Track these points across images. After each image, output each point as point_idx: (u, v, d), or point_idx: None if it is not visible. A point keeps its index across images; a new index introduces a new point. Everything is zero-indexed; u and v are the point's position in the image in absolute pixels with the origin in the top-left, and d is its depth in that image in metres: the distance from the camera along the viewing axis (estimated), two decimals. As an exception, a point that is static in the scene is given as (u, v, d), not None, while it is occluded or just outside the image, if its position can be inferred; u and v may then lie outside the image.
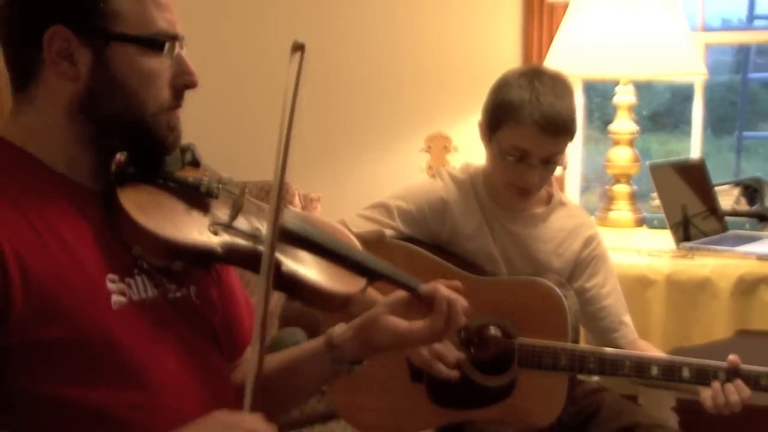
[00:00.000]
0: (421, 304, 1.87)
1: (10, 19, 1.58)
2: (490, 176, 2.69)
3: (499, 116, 2.59)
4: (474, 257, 2.69)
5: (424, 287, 1.87)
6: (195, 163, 1.73)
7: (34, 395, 1.47)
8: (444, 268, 2.59)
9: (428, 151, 3.62)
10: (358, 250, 1.87)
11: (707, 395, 2.39)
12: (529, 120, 2.52)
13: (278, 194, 1.56)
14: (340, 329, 1.86)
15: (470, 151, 2.81)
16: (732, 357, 2.41)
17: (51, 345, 1.46)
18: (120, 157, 1.64)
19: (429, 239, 2.70)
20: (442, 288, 1.86)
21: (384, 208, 2.70)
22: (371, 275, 1.83)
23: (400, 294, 1.88)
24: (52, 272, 1.48)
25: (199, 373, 1.67)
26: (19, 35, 1.57)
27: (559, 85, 2.60)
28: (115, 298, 1.55)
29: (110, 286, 1.56)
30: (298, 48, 1.58)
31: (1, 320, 1.42)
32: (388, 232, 2.67)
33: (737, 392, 2.36)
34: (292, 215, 1.74)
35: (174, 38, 1.62)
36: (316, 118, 3.95)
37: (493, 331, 2.05)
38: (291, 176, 1.90)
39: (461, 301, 1.86)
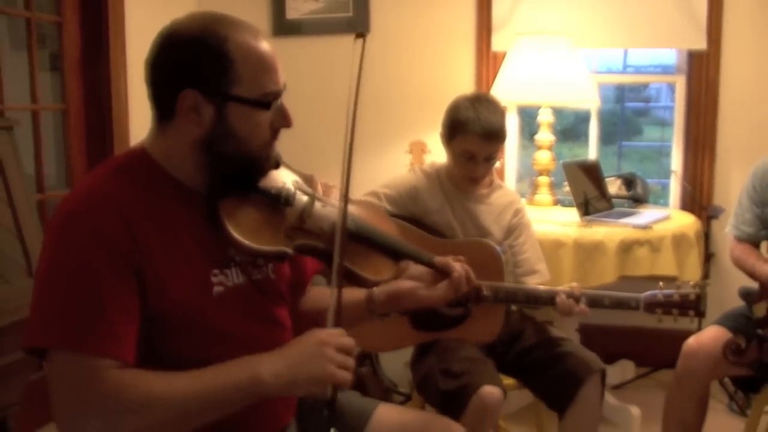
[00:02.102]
0: (438, 274, 1.80)
1: (158, 71, 1.48)
2: (451, 170, 2.65)
3: (453, 130, 2.57)
4: (439, 226, 2.63)
5: (440, 261, 1.80)
6: (276, 165, 1.59)
7: (166, 353, 1.43)
8: (419, 234, 2.55)
9: (410, 153, 3.60)
10: (394, 240, 1.76)
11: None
12: (473, 132, 2.51)
13: (346, 185, 1.53)
14: (379, 292, 1.80)
15: (440, 153, 2.72)
16: (573, 284, 2.42)
17: (171, 321, 1.42)
18: (219, 177, 1.53)
19: (407, 215, 2.64)
20: (454, 262, 1.80)
21: (375, 194, 2.67)
22: (401, 257, 1.75)
23: (422, 269, 1.80)
24: (172, 271, 1.43)
25: (273, 332, 1.59)
26: (162, 86, 1.47)
27: (492, 105, 2.58)
28: (216, 289, 1.49)
29: (213, 279, 1.49)
30: (360, 36, 1.56)
31: (142, 303, 1.39)
32: None
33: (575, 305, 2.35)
34: (350, 216, 1.61)
35: (278, 95, 1.51)
36: (333, 130, 3.81)
37: (485, 291, 1.99)
38: (313, 170, 1.79)
39: (469, 270, 1.80)
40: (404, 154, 3.61)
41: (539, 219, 3.27)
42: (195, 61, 1.44)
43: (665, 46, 4.03)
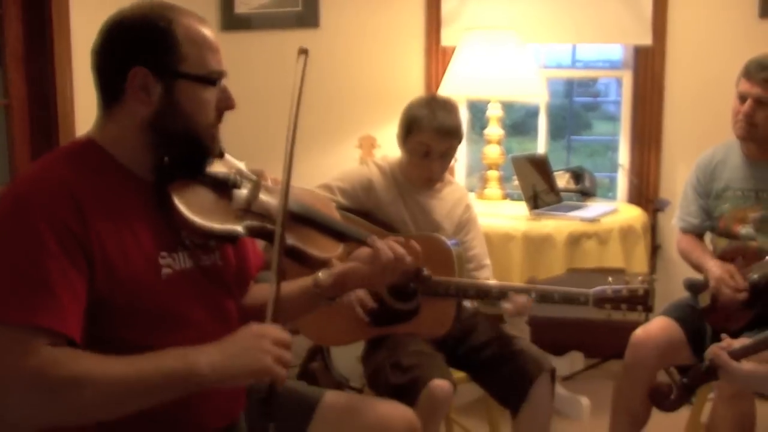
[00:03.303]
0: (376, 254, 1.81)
1: (106, 55, 1.52)
2: (406, 169, 2.65)
3: (409, 127, 2.58)
4: (391, 220, 2.63)
5: (378, 243, 1.81)
6: (221, 155, 1.63)
7: (111, 337, 1.42)
8: (370, 228, 2.52)
9: (360, 147, 3.61)
10: (338, 222, 1.81)
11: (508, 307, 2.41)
12: (428, 127, 2.52)
13: (287, 184, 1.54)
14: (323, 275, 1.79)
15: (389, 147, 2.74)
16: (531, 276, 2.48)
17: (118, 304, 1.43)
18: (166, 159, 1.56)
19: (359, 208, 2.63)
20: (390, 242, 1.81)
21: (328, 187, 2.65)
22: (346, 239, 1.78)
23: (366, 251, 1.81)
24: (121, 253, 1.44)
25: (217, 318, 1.60)
26: (110, 69, 1.51)
27: (448, 104, 2.61)
28: (165, 271, 1.51)
29: (161, 261, 1.51)
30: (303, 52, 1.59)
31: (90, 286, 1.39)
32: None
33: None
34: (293, 197, 1.63)
35: (221, 74, 1.57)
36: (282, 125, 3.79)
37: (425, 271, 1.98)
38: (263, 165, 1.80)
39: (404, 251, 1.81)
40: (354, 149, 3.60)
41: (489, 213, 3.29)
42: (143, 40, 1.49)
43: (611, 41, 4.09)
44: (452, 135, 2.56)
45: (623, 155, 4.06)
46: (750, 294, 2.55)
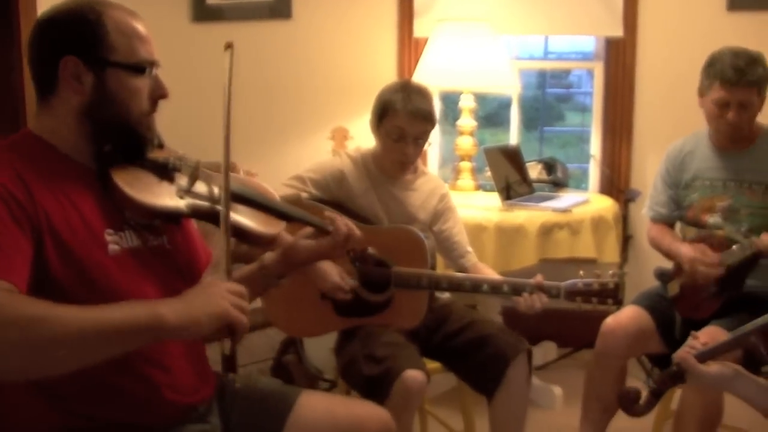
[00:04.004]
0: (322, 232, 1.85)
1: (39, 47, 1.58)
2: (379, 156, 2.66)
3: (383, 111, 2.60)
4: (363, 211, 2.63)
5: (330, 214, 1.88)
6: (161, 146, 1.67)
7: None
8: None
9: (333, 139, 3.60)
10: (279, 202, 1.85)
11: (520, 301, 2.42)
12: (403, 111, 2.54)
13: (226, 163, 1.56)
14: (269, 255, 1.83)
15: (361, 139, 2.74)
16: (538, 277, 2.43)
17: (69, 282, 1.46)
18: (107, 147, 1.60)
19: (331, 199, 2.64)
20: (337, 218, 1.86)
21: (300, 179, 2.66)
22: (288, 218, 1.81)
23: (310, 230, 1.86)
24: (68, 228, 1.48)
25: (171, 297, 1.57)
26: (42, 60, 1.57)
27: (422, 89, 2.64)
28: (111, 247, 1.54)
29: (108, 237, 1.54)
30: (229, 46, 1.60)
31: (39, 258, 1.42)
32: (304, 195, 2.62)
33: (539, 299, 2.40)
34: (234, 180, 1.67)
35: (152, 63, 1.61)
36: (255, 116, 3.85)
37: (370, 250, 1.99)
38: (236, 158, 1.81)
39: (352, 228, 1.87)
40: (326, 141, 3.60)
41: (461, 204, 3.27)
42: (73, 31, 1.54)
43: (583, 33, 4.11)
44: (426, 119, 2.58)
45: (595, 146, 4.08)
46: (718, 282, 2.59)
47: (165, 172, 1.63)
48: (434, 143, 4.12)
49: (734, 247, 2.59)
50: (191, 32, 3.93)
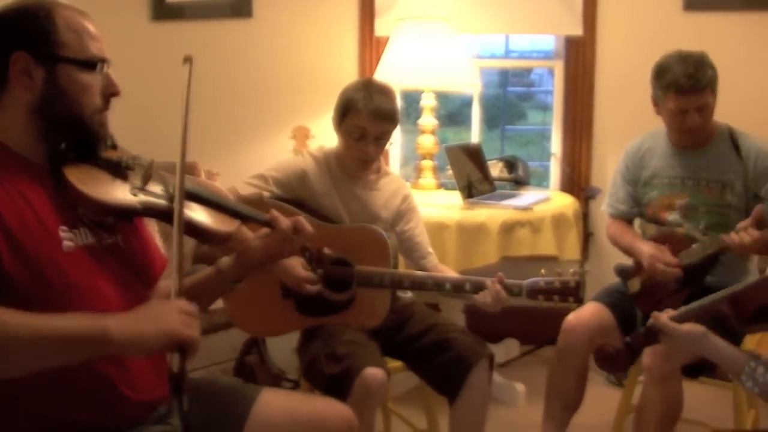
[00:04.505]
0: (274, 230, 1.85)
1: None
2: (341, 155, 2.65)
3: (345, 109, 2.59)
4: (326, 211, 2.63)
5: (271, 215, 1.85)
6: (114, 146, 1.67)
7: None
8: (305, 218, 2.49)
9: (294, 138, 3.60)
10: (232, 201, 1.86)
11: (479, 298, 2.40)
12: (364, 110, 2.54)
13: (182, 162, 1.56)
14: (224, 260, 1.84)
15: (323, 138, 2.74)
16: (499, 274, 2.42)
17: (24, 280, 1.46)
18: (62, 145, 1.60)
19: (294, 198, 2.63)
20: (281, 216, 1.85)
21: (262, 177, 2.64)
22: (241, 217, 1.80)
23: (264, 230, 1.86)
24: (21, 225, 1.47)
25: (126, 296, 1.62)
26: None
27: (385, 88, 2.63)
28: (66, 243, 1.54)
29: (62, 234, 1.54)
30: (188, 60, 1.58)
31: None
32: (266, 194, 2.60)
33: (500, 296, 2.38)
34: (187, 179, 1.67)
35: (103, 60, 1.62)
36: (216, 116, 3.83)
37: (326, 251, 1.99)
38: (197, 158, 1.80)
39: (302, 223, 1.86)
40: (288, 140, 3.59)
41: (423, 202, 3.28)
42: (23, 27, 1.55)
43: (543, 31, 4.14)
44: (388, 118, 2.57)
45: (555, 144, 4.12)
46: (679, 279, 2.62)
47: (118, 170, 1.63)
48: (396, 142, 4.14)
49: (694, 246, 2.63)
50: (150, 31, 3.90)
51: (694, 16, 3.82)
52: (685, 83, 2.59)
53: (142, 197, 1.62)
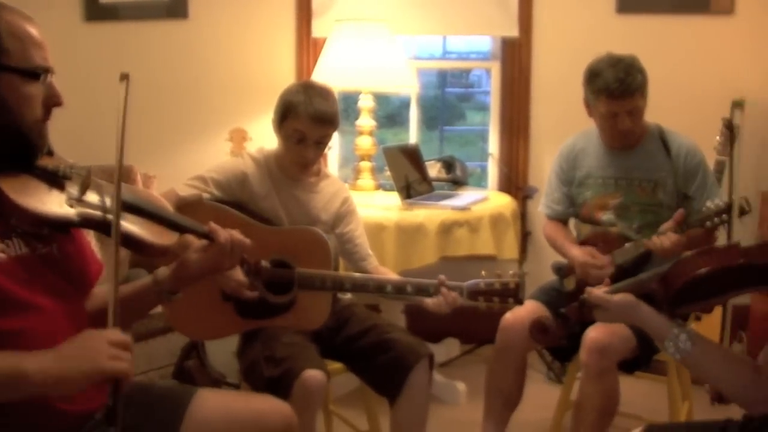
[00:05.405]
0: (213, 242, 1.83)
1: None
2: (281, 157, 2.65)
3: (285, 112, 2.58)
4: (266, 213, 2.62)
5: (209, 228, 1.82)
6: (50, 153, 1.63)
7: None
8: (244, 220, 2.52)
9: (231, 140, 3.54)
10: (171, 213, 1.82)
11: (429, 302, 2.41)
12: (304, 114, 2.53)
13: (119, 175, 1.53)
14: (162, 271, 1.80)
15: (260, 140, 2.74)
16: (441, 277, 2.42)
17: None
18: None
19: (234, 200, 2.61)
20: (221, 228, 1.83)
21: (202, 179, 2.62)
22: (180, 229, 1.79)
23: (203, 242, 1.83)
24: None
25: (61, 306, 1.60)
26: None
27: (324, 91, 2.62)
28: None
29: None
30: (125, 77, 1.56)
31: None
32: (205, 195, 2.59)
33: (456, 302, 2.39)
34: (126, 190, 1.66)
35: (47, 70, 1.57)
36: (153, 118, 3.78)
37: (263, 263, 1.99)
38: (134, 161, 1.78)
39: (240, 237, 1.84)
40: (225, 142, 3.57)
41: (362, 204, 3.28)
42: None
43: (480, 33, 4.20)
44: (328, 122, 2.57)
45: (493, 144, 4.18)
46: (613, 279, 2.67)
47: (55, 180, 1.59)
48: (334, 143, 4.14)
49: (627, 245, 2.69)
50: (84, 32, 3.84)
51: (627, 18, 3.92)
52: (616, 88, 2.64)
53: (79, 209, 1.59)
